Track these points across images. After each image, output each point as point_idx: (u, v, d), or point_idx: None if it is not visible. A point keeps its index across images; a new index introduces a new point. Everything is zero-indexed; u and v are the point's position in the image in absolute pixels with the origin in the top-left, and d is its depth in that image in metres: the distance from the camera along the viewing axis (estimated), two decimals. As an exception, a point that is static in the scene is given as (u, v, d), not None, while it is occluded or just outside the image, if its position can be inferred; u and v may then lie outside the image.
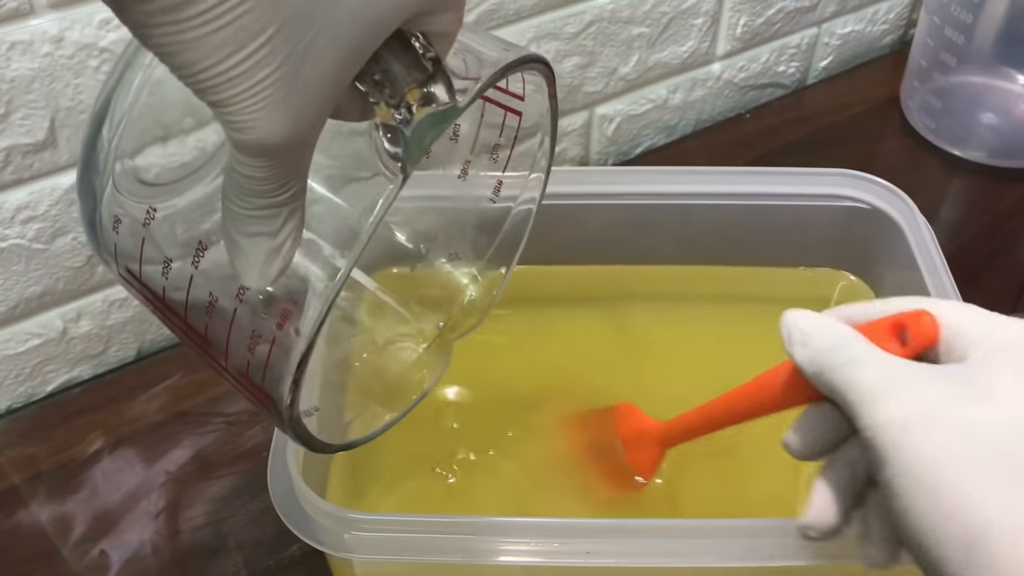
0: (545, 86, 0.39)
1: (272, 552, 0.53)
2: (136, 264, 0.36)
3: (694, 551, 0.43)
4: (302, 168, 0.28)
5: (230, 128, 0.25)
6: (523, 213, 0.46)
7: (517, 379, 0.58)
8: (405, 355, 0.49)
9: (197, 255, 0.34)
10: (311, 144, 0.27)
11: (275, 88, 0.25)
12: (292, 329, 0.32)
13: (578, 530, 0.43)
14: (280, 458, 0.45)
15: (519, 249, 0.47)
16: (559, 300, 0.62)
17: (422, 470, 0.53)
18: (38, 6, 0.51)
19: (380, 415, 0.44)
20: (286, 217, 0.28)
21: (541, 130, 0.42)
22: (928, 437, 0.29)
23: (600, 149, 0.80)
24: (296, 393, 0.33)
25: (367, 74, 0.28)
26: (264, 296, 0.33)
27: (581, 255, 0.62)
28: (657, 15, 0.74)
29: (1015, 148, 0.77)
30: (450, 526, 0.44)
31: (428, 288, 0.50)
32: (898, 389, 0.30)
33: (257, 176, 0.27)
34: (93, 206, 0.36)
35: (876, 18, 0.89)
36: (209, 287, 0.34)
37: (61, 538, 0.54)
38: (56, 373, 0.63)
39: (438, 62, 0.29)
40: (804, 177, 0.59)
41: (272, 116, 0.25)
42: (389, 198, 0.31)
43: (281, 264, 0.29)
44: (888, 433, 0.30)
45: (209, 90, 0.25)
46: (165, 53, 0.24)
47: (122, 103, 0.35)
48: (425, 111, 0.29)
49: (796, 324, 0.34)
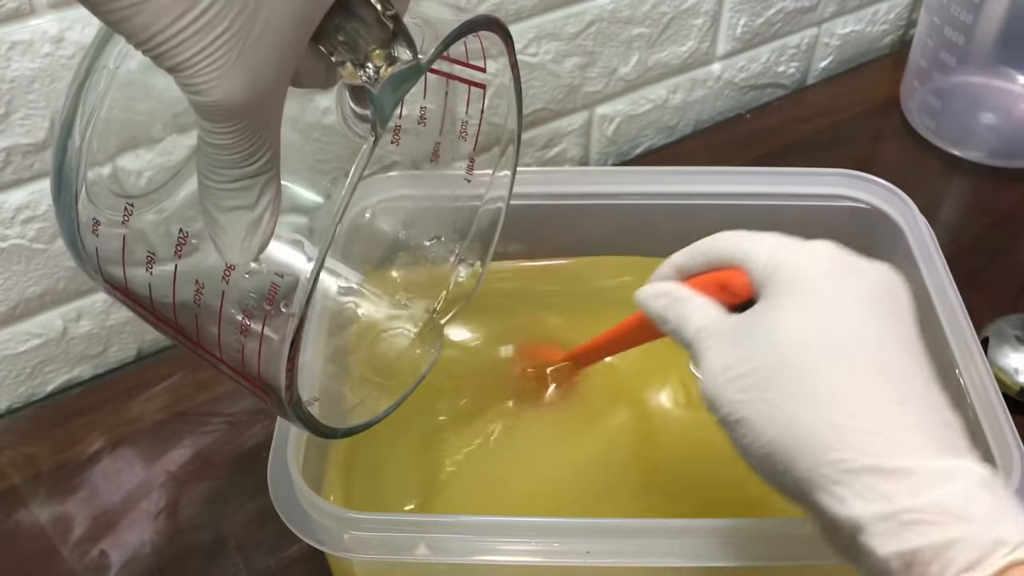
0: (506, 53, 0.39)
1: (272, 552, 0.53)
2: (119, 266, 0.36)
3: (694, 551, 0.43)
4: (270, 135, 0.28)
5: (190, 92, 0.26)
6: (501, 184, 0.47)
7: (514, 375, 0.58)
8: (399, 342, 0.49)
9: (179, 245, 0.34)
10: (275, 108, 0.28)
11: (229, 47, 0.25)
12: (281, 306, 0.32)
13: (578, 530, 0.43)
14: (280, 458, 0.45)
15: (499, 222, 0.47)
16: (559, 300, 0.62)
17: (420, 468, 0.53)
18: (38, 6, 0.51)
19: (380, 401, 0.44)
20: (262, 188, 0.29)
21: (506, 99, 0.42)
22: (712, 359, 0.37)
23: (600, 149, 0.80)
24: (293, 373, 0.33)
25: (330, 36, 0.29)
26: (249, 275, 0.33)
27: (581, 255, 0.62)
28: (657, 15, 0.74)
29: (1015, 148, 0.77)
30: (450, 526, 0.44)
31: (414, 275, 0.50)
32: (706, 337, 0.38)
33: (225, 144, 0.27)
34: (71, 218, 0.36)
35: (876, 18, 0.89)
36: (195, 275, 0.34)
37: (61, 538, 0.54)
38: (56, 373, 0.63)
39: (398, 20, 0.29)
40: (804, 177, 0.59)
41: (229, 76, 0.25)
42: (364, 156, 0.31)
43: (262, 237, 0.29)
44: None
45: (165, 55, 0.25)
46: (117, 20, 0.24)
47: (88, 108, 0.35)
48: (391, 70, 0.30)
49: (646, 292, 0.42)
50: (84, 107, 0.34)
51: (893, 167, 0.78)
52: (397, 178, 0.54)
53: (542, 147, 0.76)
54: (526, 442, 0.54)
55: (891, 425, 0.32)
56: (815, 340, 0.34)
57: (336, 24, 0.29)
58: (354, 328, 0.50)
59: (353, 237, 0.54)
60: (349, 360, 0.50)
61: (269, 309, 0.32)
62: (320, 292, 0.50)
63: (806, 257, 0.37)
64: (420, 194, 0.51)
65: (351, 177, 0.31)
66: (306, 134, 0.36)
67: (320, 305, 0.50)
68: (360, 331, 0.50)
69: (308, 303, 0.32)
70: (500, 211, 0.48)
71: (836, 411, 0.32)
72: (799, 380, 0.33)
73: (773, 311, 0.36)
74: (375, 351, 0.49)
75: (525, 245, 0.60)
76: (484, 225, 0.48)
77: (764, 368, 0.34)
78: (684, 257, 0.42)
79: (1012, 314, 0.61)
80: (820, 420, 0.32)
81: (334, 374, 0.48)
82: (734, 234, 0.40)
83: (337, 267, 0.51)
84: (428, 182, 0.49)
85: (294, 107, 0.29)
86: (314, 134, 0.37)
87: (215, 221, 0.29)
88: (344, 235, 0.54)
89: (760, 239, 0.39)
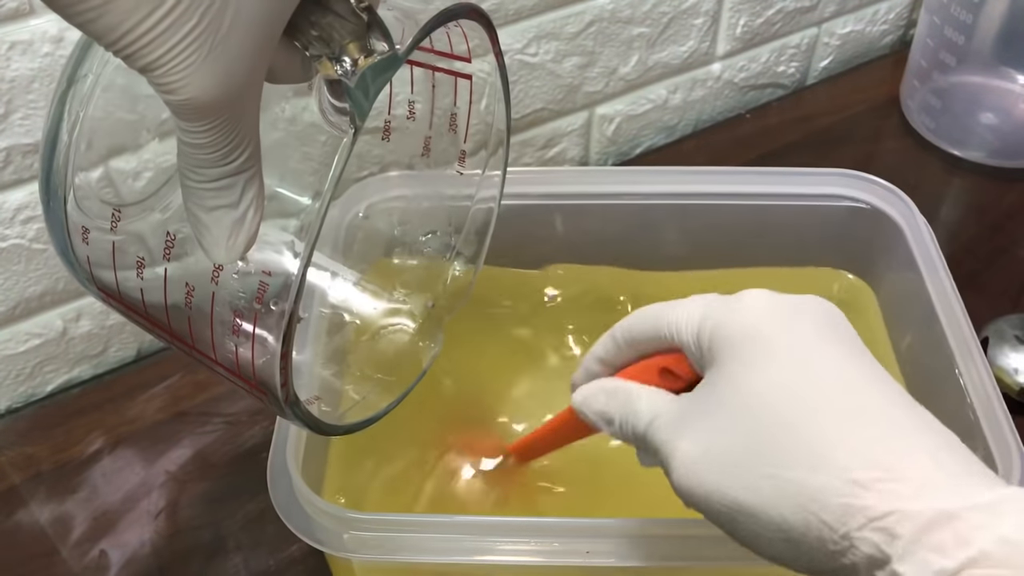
0: (489, 44, 0.39)
1: (272, 552, 0.53)
2: (111, 273, 0.36)
3: (694, 551, 0.43)
4: (247, 131, 0.28)
5: (163, 91, 0.26)
6: (493, 181, 0.47)
7: (514, 377, 0.58)
8: (398, 338, 0.49)
9: (167, 248, 0.34)
10: (251, 104, 0.28)
11: (198, 44, 0.25)
12: (271, 304, 0.32)
13: (578, 530, 0.43)
14: (280, 458, 0.45)
15: (494, 214, 0.47)
16: (558, 299, 0.62)
17: (419, 467, 0.53)
18: (38, 6, 0.51)
19: (381, 398, 0.44)
20: (244, 186, 0.29)
21: (493, 90, 0.42)
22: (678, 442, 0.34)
23: (600, 149, 0.80)
24: (287, 370, 0.33)
25: (303, 30, 0.29)
26: (238, 273, 0.33)
27: (581, 255, 0.62)
28: (657, 15, 0.74)
29: (1015, 148, 0.77)
30: (450, 526, 0.44)
31: (411, 271, 0.50)
32: (663, 426, 0.35)
33: (202, 143, 0.27)
34: (61, 227, 0.36)
35: (876, 18, 0.89)
36: (184, 278, 0.34)
37: (61, 538, 0.54)
38: (56, 373, 0.63)
39: (372, 11, 0.29)
40: (804, 177, 0.59)
41: (201, 73, 0.25)
42: (344, 150, 0.31)
43: (247, 235, 0.29)
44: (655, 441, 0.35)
45: (135, 55, 0.25)
46: (85, 22, 0.24)
47: (72, 116, 0.35)
48: (368, 62, 0.30)
49: (581, 395, 0.39)
50: (69, 116, 0.34)
51: (893, 167, 0.78)
52: (391, 178, 0.54)
53: (542, 147, 0.76)
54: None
55: (907, 464, 0.29)
56: (790, 391, 0.31)
57: (310, 19, 0.29)
58: (353, 326, 0.50)
59: (349, 236, 0.54)
60: (349, 358, 0.50)
61: (259, 308, 0.32)
62: (317, 291, 0.50)
63: (741, 313, 0.34)
64: (414, 193, 0.51)
65: (333, 169, 0.31)
66: (291, 134, 0.36)
67: (318, 305, 0.50)
68: (359, 329, 0.50)
69: (297, 298, 0.32)
70: (493, 209, 0.48)
71: (846, 461, 0.29)
72: (792, 437, 0.30)
73: (731, 377, 0.33)
74: (375, 348, 0.49)
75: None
76: (478, 222, 0.48)
77: (746, 438, 0.31)
78: (605, 349, 0.39)
79: (1012, 314, 0.61)
80: (833, 477, 0.29)
81: (334, 373, 0.48)
82: (651, 311, 0.38)
83: (334, 266, 0.51)
84: (422, 180, 0.49)
85: (276, 107, 0.29)
86: (299, 133, 0.37)
87: (199, 221, 0.29)
88: (341, 234, 0.54)
89: (681, 309, 0.36)
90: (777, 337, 0.33)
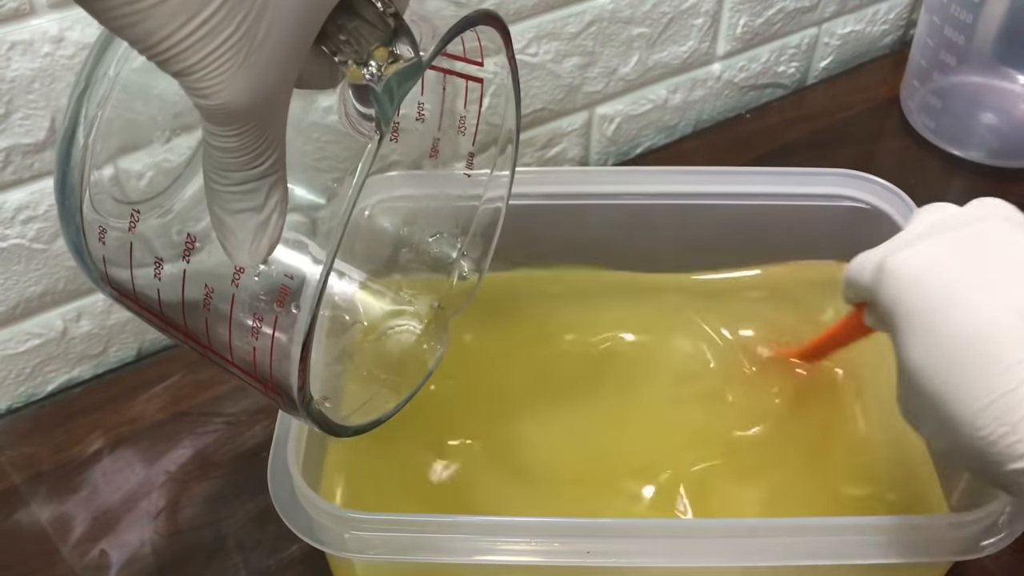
0: (503, 48, 0.39)
1: (272, 552, 0.53)
2: (127, 272, 0.36)
3: (695, 551, 0.43)
4: (275, 136, 0.28)
5: (196, 96, 0.26)
6: (500, 183, 0.47)
7: (514, 375, 0.58)
8: (405, 338, 0.49)
9: (187, 250, 0.34)
10: (280, 110, 0.28)
11: (235, 50, 0.25)
12: (292, 306, 0.33)
13: (578, 530, 0.43)
14: (280, 458, 0.45)
15: (501, 214, 0.47)
16: (557, 299, 0.62)
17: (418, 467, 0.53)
18: (38, 6, 0.51)
19: (388, 398, 0.44)
20: (268, 190, 0.29)
21: (501, 89, 0.43)
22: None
23: (600, 149, 0.80)
24: (305, 372, 0.33)
25: (332, 36, 0.29)
26: (259, 276, 0.33)
27: (581, 255, 0.62)
28: (657, 15, 0.74)
29: (1015, 148, 0.77)
30: (450, 526, 0.44)
31: (417, 271, 0.50)
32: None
33: (230, 147, 0.27)
34: (76, 227, 0.36)
35: (876, 18, 0.89)
36: (204, 279, 0.34)
37: (61, 538, 0.54)
38: (56, 373, 0.63)
39: (399, 17, 0.30)
40: (804, 177, 0.59)
41: (236, 79, 0.25)
42: (370, 155, 0.31)
43: (270, 239, 0.30)
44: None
45: (171, 60, 0.25)
46: (124, 26, 0.24)
47: (90, 116, 0.35)
48: (393, 68, 0.30)
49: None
50: (87, 115, 0.35)
51: (893, 167, 0.78)
52: (398, 178, 0.54)
53: (542, 147, 0.76)
54: (527, 442, 0.55)
55: None
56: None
57: (338, 24, 0.29)
58: (359, 326, 0.50)
59: (355, 236, 0.54)
60: (355, 358, 0.50)
61: (280, 311, 0.33)
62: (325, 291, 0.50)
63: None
64: (421, 193, 0.51)
65: (358, 175, 0.31)
66: (306, 134, 0.36)
67: (325, 305, 0.50)
68: (365, 329, 0.50)
69: (318, 303, 0.32)
70: (500, 210, 0.48)
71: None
72: None
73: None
74: (381, 348, 0.49)
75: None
76: (485, 223, 0.48)
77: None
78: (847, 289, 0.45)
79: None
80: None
81: (341, 373, 0.48)
82: (846, 269, 0.43)
83: (341, 265, 0.51)
84: (429, 181, 0.49)
85: (294, 107, 0.29)
86: (314, 134, 0.37)
87: (223, 224, 0.29)
88: (347, 234, 0.54)
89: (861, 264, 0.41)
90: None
